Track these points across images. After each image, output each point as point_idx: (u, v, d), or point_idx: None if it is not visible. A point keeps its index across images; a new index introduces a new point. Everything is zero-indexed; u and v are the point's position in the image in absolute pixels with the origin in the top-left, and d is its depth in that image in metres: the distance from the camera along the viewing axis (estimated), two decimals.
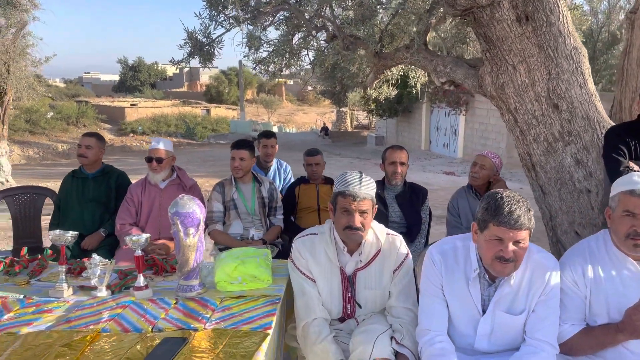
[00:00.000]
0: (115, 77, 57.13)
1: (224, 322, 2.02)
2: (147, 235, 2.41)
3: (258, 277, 2.39)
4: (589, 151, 2.72)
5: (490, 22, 2.67)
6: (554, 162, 2.78)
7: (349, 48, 3.46)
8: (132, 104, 33.01)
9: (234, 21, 3.33)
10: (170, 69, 54.82)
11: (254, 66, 3.97)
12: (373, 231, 2.29)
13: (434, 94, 14.68)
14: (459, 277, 2.00)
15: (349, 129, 31.25)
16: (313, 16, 3.55)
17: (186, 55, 3.55)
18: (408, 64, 3.72)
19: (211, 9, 3.36)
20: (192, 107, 34.62)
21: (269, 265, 2.50)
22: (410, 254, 2.35)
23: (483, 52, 2.85)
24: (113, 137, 24.49)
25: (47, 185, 6.27)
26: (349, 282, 2.28)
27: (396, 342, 2.12)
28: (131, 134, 26.56)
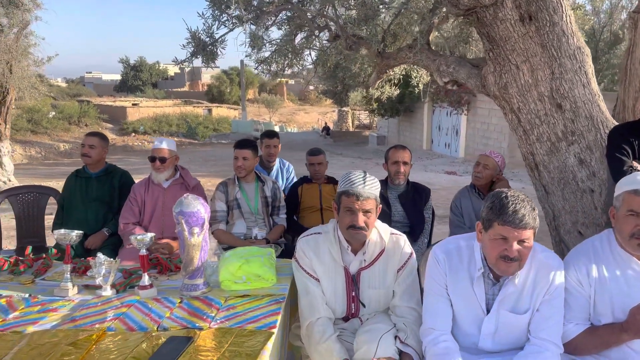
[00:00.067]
0: (116, 77, 57.15)
1: (229, 321, 2.02)
2: (152, 234, 2.43)
3: (262, 277, 2.40)
4: (593, 151, 2.72)
5: (493, 22, 2.66)
6: (557, 162, 2.78)
7: (352, 48, 3.47)
8: (134, 104, 32.98)
9: (237, 21, 3.34)
10: (171, 69, 54.92)
11: (257, 66, 3.98)
12: (377, 231, 2.30)
13: (436, 94, 14.67)
14: (463, 277, 2.01)
15: (351, 129, 31.29)
16: (316, 16, 3.56)
17: (189, 54, 3.56)
18: (411, 64, 3.71)
19: (214, 9, 3.36)
20: (194, 107, 34.60)
21: (273, 264, 2.50)
22: (414, 254, 2.35)
23: (486, 52, 2.85)
24: (115, 137, 24.49)
25: (50, 184, 6.29)
26: (353, 282, 2.28)
27: (400, 342, 2.12)
28: (133, 134, 26.55)
